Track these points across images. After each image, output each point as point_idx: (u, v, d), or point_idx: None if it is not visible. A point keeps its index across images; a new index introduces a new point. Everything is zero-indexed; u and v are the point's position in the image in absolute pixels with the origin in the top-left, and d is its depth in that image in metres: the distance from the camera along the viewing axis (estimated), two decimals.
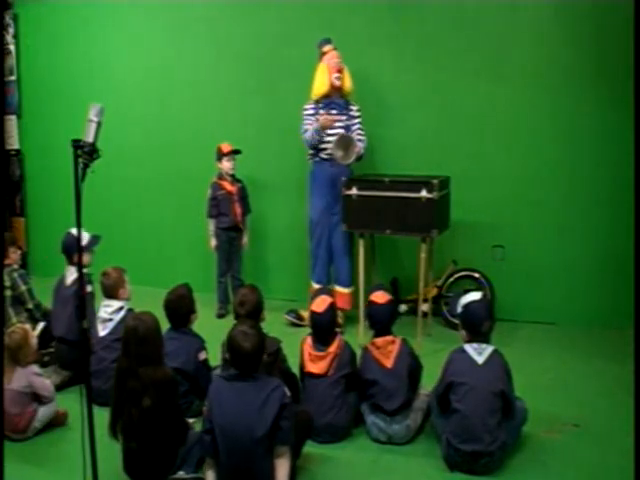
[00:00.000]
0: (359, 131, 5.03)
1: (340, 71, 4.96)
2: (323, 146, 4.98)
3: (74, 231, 4.13)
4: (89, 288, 4.04)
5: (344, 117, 5.01)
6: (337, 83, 4.95)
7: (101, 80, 6.46)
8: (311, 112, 5.06)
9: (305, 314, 5.02)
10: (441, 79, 5.33)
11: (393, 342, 3.53)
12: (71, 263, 4.28)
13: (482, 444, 3.06)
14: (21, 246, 6.16)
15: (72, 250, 4.17)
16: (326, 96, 5.01)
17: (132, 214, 6.57)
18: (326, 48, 5.04)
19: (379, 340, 3.54)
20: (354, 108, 5.07)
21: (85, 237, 4.19)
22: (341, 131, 4.92)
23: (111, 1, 6.34)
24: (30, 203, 7.14)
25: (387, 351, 3.50)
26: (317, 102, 5.05)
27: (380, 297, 3.62)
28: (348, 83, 5.03)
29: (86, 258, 4.19)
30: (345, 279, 5.18)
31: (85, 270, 4.13)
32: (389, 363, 3.47)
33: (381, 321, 3.59)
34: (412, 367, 3.52)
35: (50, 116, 6.78)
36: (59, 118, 6.61)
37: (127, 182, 6.52)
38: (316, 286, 5.15)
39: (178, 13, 6.11)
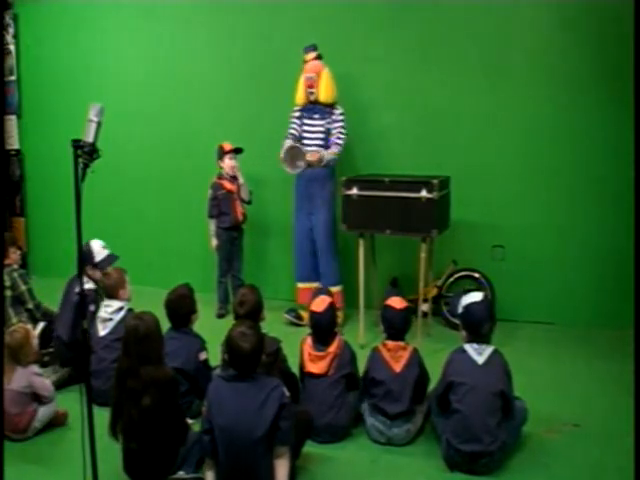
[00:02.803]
0: (339, 135, 5.09)
1: (312, 86, 5.02)
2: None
3: (93, 243, 4.25)
4: (92, 308, 4.05)
5: (325, 121, 5.08)
6: (310, 98, 5.06)
7: (101, 80, 6.47)
8: (297, 115, 5.19)
9: (305, 314, 5.02)
10: (442, 78, 5.33)
11: (404, 348, 3.53)
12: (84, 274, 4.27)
13: (482, 444, 3.06)
14: (21, 246, 6.16)
15: (86, 263, 4.17)
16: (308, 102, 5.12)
17: (132, 214, 6.57)
18: (307, 57, 5.09)
19: (390, 343, 3.53)
20: (337, 112, 5.11)
21: (102, 253, 4.23)
22: (320, 135, 5.05)
23: (111, 1, 6.34)
24: (30, 203, 7.13)
25: (397, 355, 3.50)
26: (302, 106, 5.17)
27: (397, 303, 3.59)
28: (325, 93, 5.04)
29: (97, 274, 4.22)
30: (327, 279, 5.18)
31: (91, 285, 4.17)
32: (398, 367, 3.46)
33: (396, 327, 3.56)
34: (419, 377, 3.51)
35: (50, 116, 6.78)
36: (59, 118, 6.61)
37: (127, 182, 6.53)
38: (299, 285, 5.26)
39: (178, 13, 6.12)
